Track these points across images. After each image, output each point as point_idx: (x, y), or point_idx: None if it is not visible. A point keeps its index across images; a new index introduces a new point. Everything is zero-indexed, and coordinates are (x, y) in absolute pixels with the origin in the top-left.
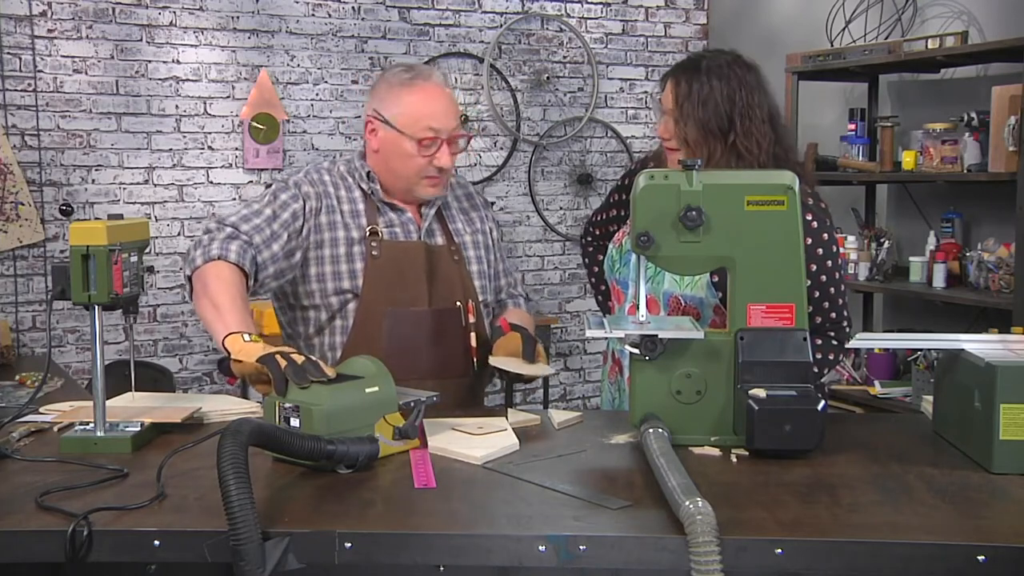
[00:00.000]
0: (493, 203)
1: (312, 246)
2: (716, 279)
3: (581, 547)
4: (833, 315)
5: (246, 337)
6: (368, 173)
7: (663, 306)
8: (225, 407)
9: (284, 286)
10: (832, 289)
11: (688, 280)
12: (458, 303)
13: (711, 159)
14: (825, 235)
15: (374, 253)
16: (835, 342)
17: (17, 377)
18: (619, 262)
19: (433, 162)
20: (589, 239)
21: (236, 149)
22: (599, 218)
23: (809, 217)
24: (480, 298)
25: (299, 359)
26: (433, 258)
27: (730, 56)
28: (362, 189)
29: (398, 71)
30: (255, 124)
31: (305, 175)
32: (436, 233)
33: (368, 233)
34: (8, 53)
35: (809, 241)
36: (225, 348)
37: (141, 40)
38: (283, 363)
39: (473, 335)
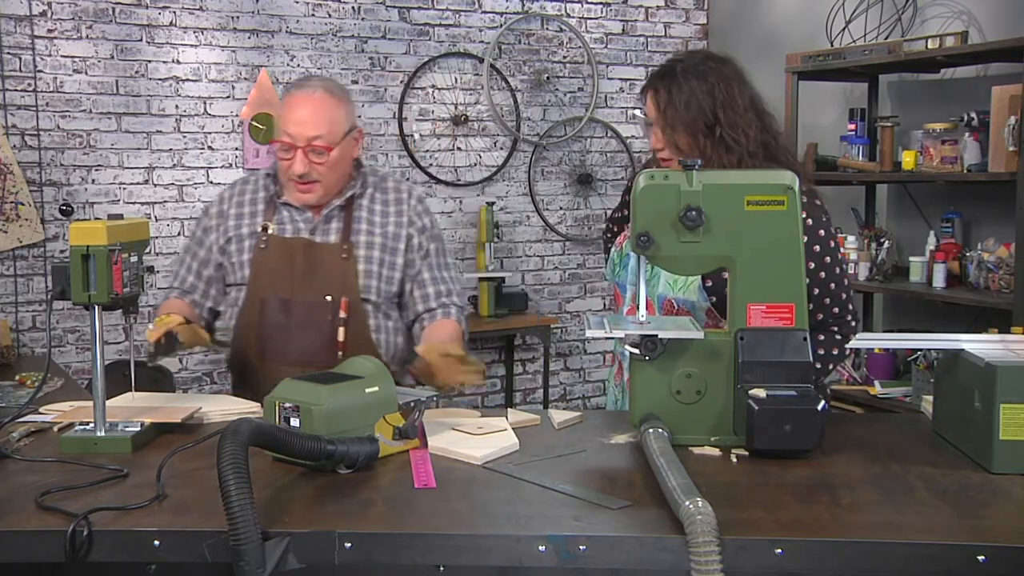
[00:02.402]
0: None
1: (225, 244)
2: (709, 283)
3: (581, 547)
4: (836, 310)
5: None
6: (270, 175)
7: (657, 309)
8: (225, 407)
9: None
10: (833, 284)
11: (681, 283)
12: (328, 297)
13: (702, 157)
14: (821, 231)
15: (262, 246)
16: (839, 337)
17: (17, 377)
18: (619, 265)
19: (291, 167)
20: (608, 235)
21: (236, 149)
22: (616, 215)
23: (804, 215)
24: (363, 295)
25: (167, 335)
26: (315, 254)
27: (702, 54)
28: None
29: (296, 79)
30: (255, 124)
31: (231, 185)
32: (332, 232)
33: (260, 229)
34: (8, 53)
35: (805, 239)
36: None
37: (141, 40)
38: (155, 337)
39: (342, 329)
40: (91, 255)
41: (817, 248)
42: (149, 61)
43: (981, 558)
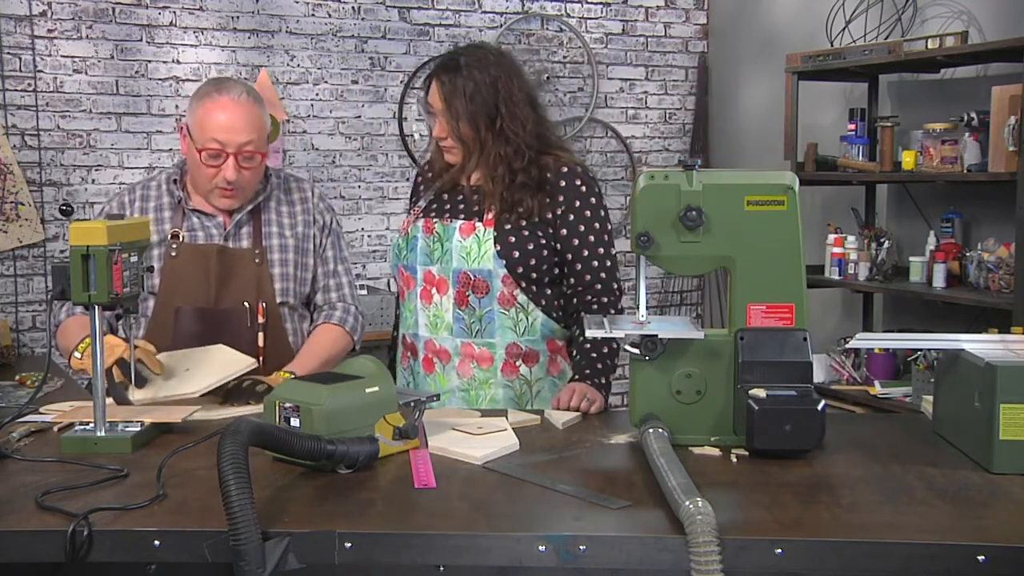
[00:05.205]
0: None
1: None
2: (499, 248)
3: (581, 547)
4: (603, 275)
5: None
6: (175, 180)
7: (453, 284)
8: (224, 371)
9: None
10: (609, 262)
11: (475, 255)
12: (246, 303)
13: (483, 148)
14: (602, 211)
15: (172, 254)
16: (613, 311)
17: (17, 377)
18: (406, 248)
19: (219, 174)
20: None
21: None
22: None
23: (584, 189)
24: (279, 299)
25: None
26: (229, 260)
27: (484, 47)
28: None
29: (207, 83)
30: None
31: (129, 190)
32: (244, 237)
33: (170, 236)
34: (8, 53)
35: (587, 214)
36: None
37: (141, 40)
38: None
39: (261, 334)
40: (91, 255)
41: (597, 225)
42: (149, 61)
43: (981, 558)
